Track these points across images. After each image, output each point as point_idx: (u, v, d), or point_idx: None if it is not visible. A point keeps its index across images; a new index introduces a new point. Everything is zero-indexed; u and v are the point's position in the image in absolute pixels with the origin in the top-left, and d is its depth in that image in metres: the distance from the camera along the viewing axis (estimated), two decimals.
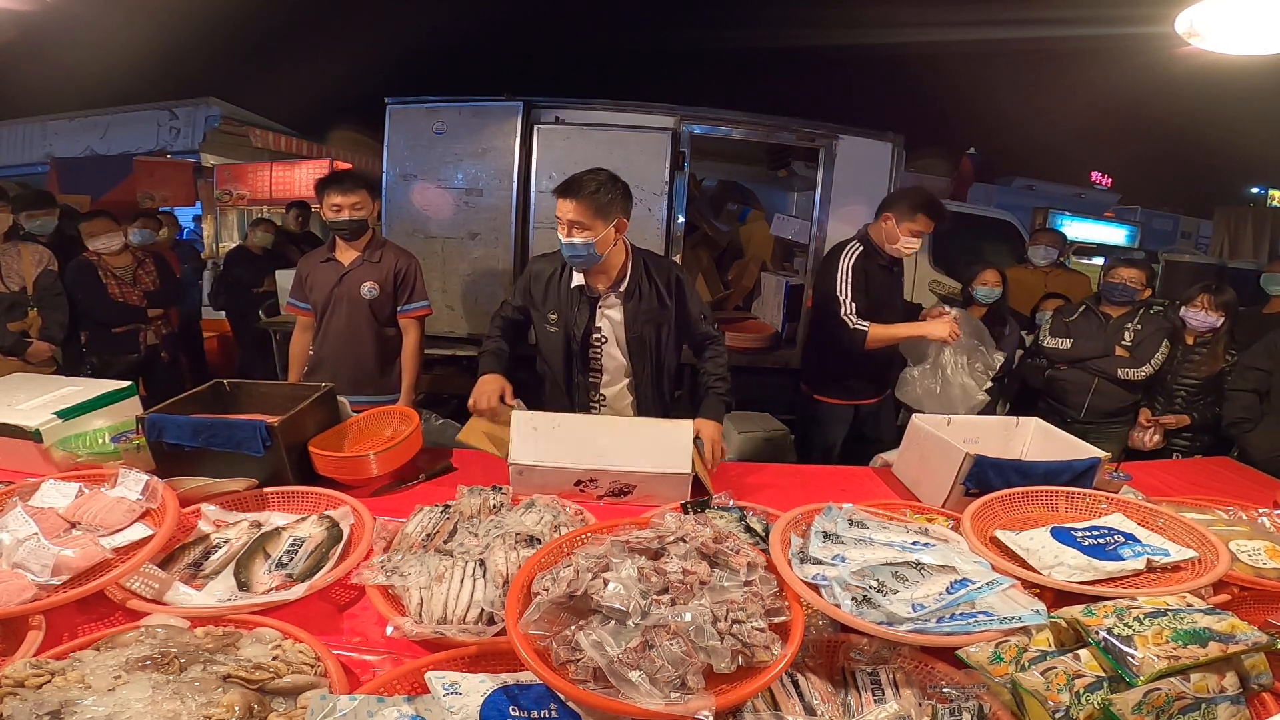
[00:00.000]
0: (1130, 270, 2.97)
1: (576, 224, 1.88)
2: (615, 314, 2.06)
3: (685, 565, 1.04)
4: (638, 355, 2.09)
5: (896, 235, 2.53)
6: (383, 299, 2.51)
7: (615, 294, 2.04)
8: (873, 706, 0.95)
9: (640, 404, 2.15)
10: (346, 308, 2.50)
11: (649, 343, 2.08)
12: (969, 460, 1.66)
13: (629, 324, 2.05)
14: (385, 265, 2.52)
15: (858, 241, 2.63)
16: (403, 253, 2.60)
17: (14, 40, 4.36)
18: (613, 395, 2.15)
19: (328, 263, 2.54)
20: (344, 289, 2.49)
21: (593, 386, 2.13)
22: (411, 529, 1.42)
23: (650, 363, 2.11)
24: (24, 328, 2.93)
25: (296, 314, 2.62)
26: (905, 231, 2.51)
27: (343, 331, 2.52)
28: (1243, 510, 1.56)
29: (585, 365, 2.11)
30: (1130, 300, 2.95)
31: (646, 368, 2.11)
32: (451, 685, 0.91)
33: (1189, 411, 2.90)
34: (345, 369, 2.49)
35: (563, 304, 2.05)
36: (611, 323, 2.07)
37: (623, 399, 2.15)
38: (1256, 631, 0.95)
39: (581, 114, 4.14)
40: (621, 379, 2.14)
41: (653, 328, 2.07)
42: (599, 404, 2.16)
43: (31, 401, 1.80)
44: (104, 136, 9.19)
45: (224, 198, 8.17)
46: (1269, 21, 1.93)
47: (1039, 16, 7.54)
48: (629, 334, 2.06)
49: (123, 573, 1.16)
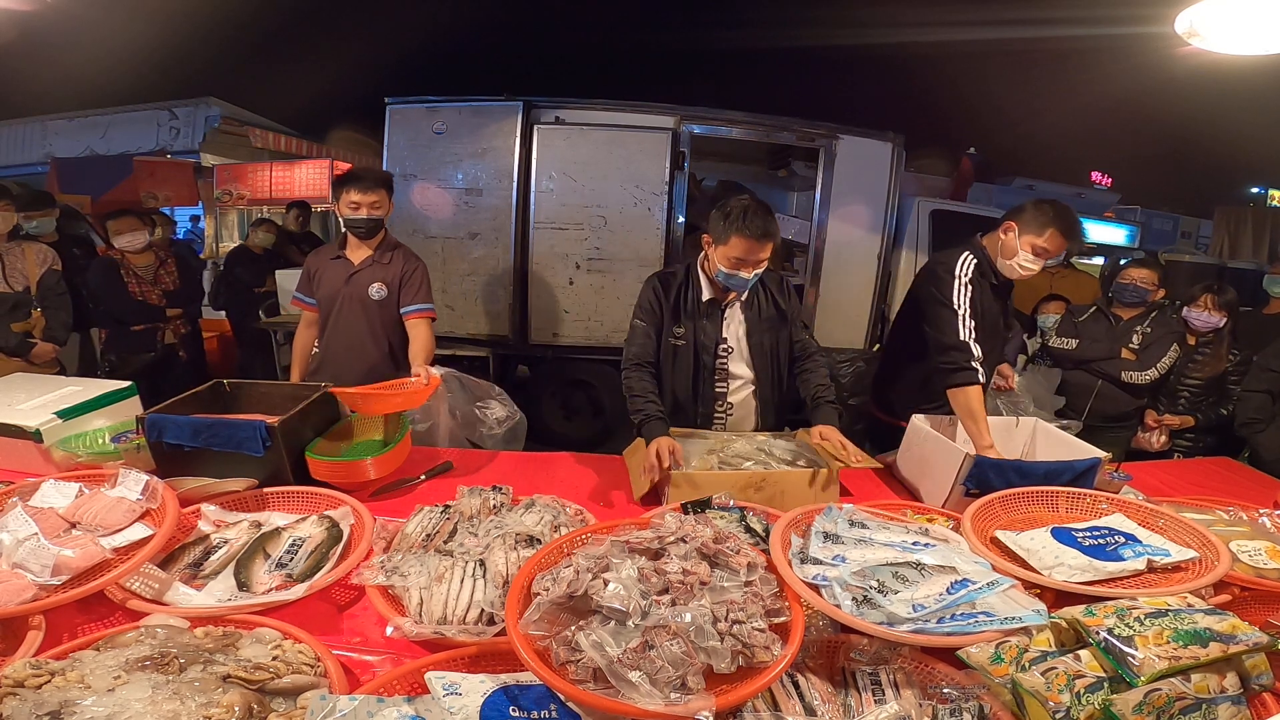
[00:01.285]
0: (1141, 270, 2.93)
1: (765, 261, 1.93)
2: (738, 323, 2.12)
3: (685, 565, 1.04)
4: (760, 361, 2.14)
5: (1015, 250, 2.06)
6: (390, 301, 2.47)
7: (738, 304, 2.11)
8: (873, 707, 0.95)
9: (762, 410, 2.18)
10: (353, 308, 2.46)
11: (769, 348, 2.14)
12: (969, 460, 1.66)
13: (750, 329, 2.11)
14: (394, 267, 2.48)
15: (970, 253, 2.15)
16: (412, 256, 2.56)
17: (14, 40, 4.35)
18: (739, 402, 2.18)
19: (337, 260, 2.49)
20: (351, 289, 2.45)
21: (719, 396, 2.16)
22: (411, 529, 1.42)
23: (771, 367, 2.16)
24: (28, 328, 2.92)
25: (302, 308, 2.57)
26: (1027, 247, 2.04)
27: (349, 332, 2.48)
28: (1243, 510, 1.56)
29: (713, 375, 2.14)
30: (1142, 301, 2.90)
31: (768, 372, 2.15)
32: (451, 685, 0.91)
33: (1192, 412, 2.89)
34: (351, 371, 2.41)
35: (690, 317, 2.09)
36: (736, 331, 2.13)
37: (747, 405, 2.19)
38: (1257, 632, 0.95)
39: (581, 114, 4.15)
40: (746, 388, 2.18)
41: (772, 333, 2.13)
42: (726, 413, 2.18)
43: (32, 401, 1.80)
44: (104, 136, 9.20)
45: (224, 198, 8.17)
46: (1269, 21, 1.92)
47: (1039, 16, 7.54)
48: (750, 340, 2.11)
49: (123, 573, 1.16)
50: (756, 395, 2.18)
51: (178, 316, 3.74)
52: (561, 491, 1.68)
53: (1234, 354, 2.85)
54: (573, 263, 4.22)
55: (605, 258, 4.21)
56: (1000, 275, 2.15)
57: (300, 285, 2.56)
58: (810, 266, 4.50)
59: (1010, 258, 2.09)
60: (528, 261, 4.22)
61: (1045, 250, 2.03)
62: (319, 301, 2.51)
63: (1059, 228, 2.00)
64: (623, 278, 4.23)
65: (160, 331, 3.66)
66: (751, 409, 2.19)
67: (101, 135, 9.21)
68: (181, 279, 3.79)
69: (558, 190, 4.12)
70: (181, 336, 3.77)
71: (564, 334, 4.35)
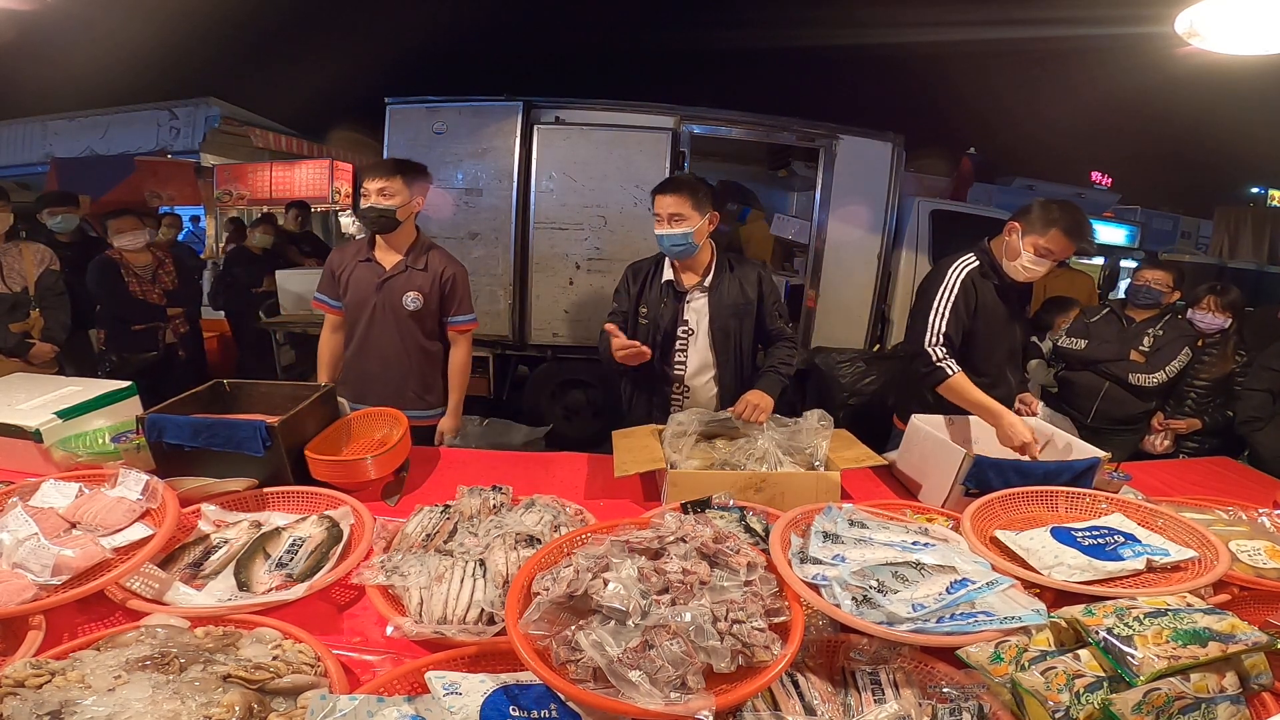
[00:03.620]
0: (1155, 272, 2.90)
1: (676, 215, 2.04)
2: (700, 306, 2.17)
3: (685, 565, 1.04)
4: (721, 347, 2.18)
5: (1018, 251, 2.03)
6: (427, 311, 2.28)
7: (700, 289, 2.16)
8: (873, 706, 0.95)
9: (723, 396, 2.21)
10: (386, 319, 2.26)
11: (732, 334, 2.18)
12: (969, 460, 1.66)
13: (714, 315, 2.16)
14: (430, 273, 2.27)
15: (974, 255, 2.15)
16: (450, 259, 2.34)
17: (14, 40, 4.36)
18: (697, 387, 2.23)
19: (367, 263, 2.27)
20: (384, 297, 2.24)
21: (677, 379, 2.22)
22: (411, 529, 1.42)
23: (733, 354, 2.20)
24: (26, 328, 2.92)
25: (325, 311, 2.36)
26: (1030, 247, 2.00)
27: (381, 346, 2.28)
28: (1243, 510, 1.55)
29: (670, 358, 2.20)
30: (1156, 303, 2.87)
31: (730, 359, 2.20)
32: (451, 685, 0.91)
33: (1199, 414, 2.85)
34: (383, 387, 2.26)
35: (652, 299, 2.18)
36: (697, 315, 2.18)
37: (707, 390, 2.23)
38: (1256, 631, 0.95)
39: (581, 114, 4.15)
40: (706, 372, 2.22)
41: (736, 320, 2.17)
42: (682, 396, 2.23)
43: (31, 401, 1.80)
44: (104, 136, 9.20)
45: (224, 198, 8.18)
46: (1269, 21, 1.92)
47: (1039, 16, 7.55)
48: (713, 325, 2.16)
49: (123, 573, 1.16)
50: (717, 380, 2.22)
51: (178, 316, 3.76)
52: (561, 491, 1.68)
53: (1240, 354, 2.83)
54: (573, 263, 4.22)
55: (605, 258, 4.21)
56: (1007, 277, 2.12)
57: (323, 285, 2.35)
58: (810, 266, 4.51)
59: (1014, 259, 2.06)
60: (528, 261, 4.22)
61: (1049, 251, 1.99)
62: (346, 308, 2.32)
63: (1063, 228, 1.97)
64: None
65: (160, 331, 3.67)
66: (712, 394, 2.23)
67: (101, 135, 9.22)
68: (180, 279, 3.80)
69: (558, 190, 4.12)
70: (181, 336, 3.78)
71: (564, 334, 4.35)
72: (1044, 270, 2.05)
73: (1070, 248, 2.01)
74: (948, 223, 4.74)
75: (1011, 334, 2.23)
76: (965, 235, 2.28)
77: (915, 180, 5.65)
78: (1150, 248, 10.02)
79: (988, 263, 2.13)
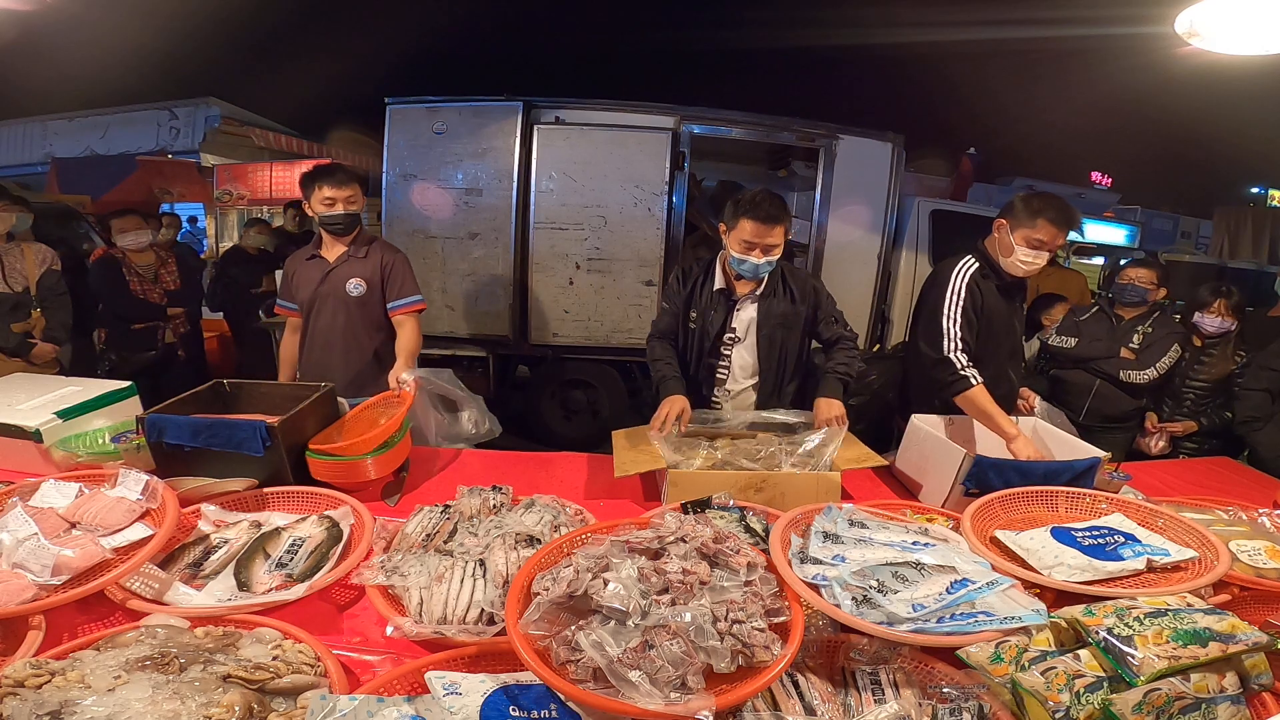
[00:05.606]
0: (1140, 270, 2.92)
1: (775, 247, 2.01)
2: (750, 314, 2.17)
3: (685, 565, 1.04)
4: (766, 355, 2.18)
5: (1011, 246, 2.03)
6: (370, 297, 2.39)
7: (752, 298, 2.16)
8: (873, 706, 0.95)
9: (761, 403, 2.22)
10: (332, 307, 2.38)
11: (778, 344, 2.18)
12: (969, 460, 1.66)
13: (761, 323, 2.16)
14: (372, 261, 2.39)
15: (972, 257, 2.14)
16: (389, 247, 2.48)
17: (14, 40, 4.37)
18: (736, 391, 2.24)
19: (313, 260, 2.41)
20: (329, 287, 2.37)
21: (719, 383, 2.23)
22: (411, 529, 1.42)
23: (776, 363, 2.20)
24: (28, 328, 2.92)
25: (285, 315, 2.51)
26: (1022, 241, 2.01)
27: (329, 332, 2.40)
28: (1243, 510, 1.55)
29: (715, 362, 2.21)
30: (1142, 301, 2.89)
31: (772, 368, 2.20)
32: (451, 685, 0.91)
33: (1197, 415, 2.86)
34: (336, 372, 2.33)
35: (703, 304, 2.18)
36: (745, 323, 2.18)
37: (746, 398, 2.24)
38: (1256, 631, 0.95)
39: (581, 114, 4.15)
40: (747, 379, 2.23)
41: (783, 330, 2.17)
42: (722, 399, 2.24)
43: (31, 401, 1.80)
44: (104, 136, 9.22)
45: (224, 198, 8.18)
46: (1269, 21, 1.93)
47: (1039, 16, 7.55)
48: (760, 333, 2.16)
49: (123, 573, 1.16)
50: (757, 388, 2.22)
51: (178, 316, 3.76)
52: (561, 491, 1.68)
53: (1240, 355, 2.83)
54: (573, 263, 4.22)
55: (605, 258, 4.21)
56: (1006, 275, 2.11)
57: (281, 291, 2.51)
58: (810, 266, 4.50)
59: (1009, 255, 2.06)
60: (528, 261, 4.22)
61: (1041, 241, 1.99)
62: (299, 305, 2.44)
63: (1049, 216, 1.97)
64: (622, 278, 4.24)
65: (161, 330, 3.68)
66: (750, 402, 2.23)
67: (101, 135, 9.23)
68: (182, 279, 3.80)
69: (558, 190, 4.12)
70: (181, 336, 3.78)
71: (564, 334, 4.35)
72: (1043, 261, 2.04)
73: (1060, 235, 2.01)
74: (948, 223, 4.74)
75: (1013, 333, 2.24)
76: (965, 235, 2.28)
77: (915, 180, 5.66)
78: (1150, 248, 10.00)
79: (986, 263, 2.13)
